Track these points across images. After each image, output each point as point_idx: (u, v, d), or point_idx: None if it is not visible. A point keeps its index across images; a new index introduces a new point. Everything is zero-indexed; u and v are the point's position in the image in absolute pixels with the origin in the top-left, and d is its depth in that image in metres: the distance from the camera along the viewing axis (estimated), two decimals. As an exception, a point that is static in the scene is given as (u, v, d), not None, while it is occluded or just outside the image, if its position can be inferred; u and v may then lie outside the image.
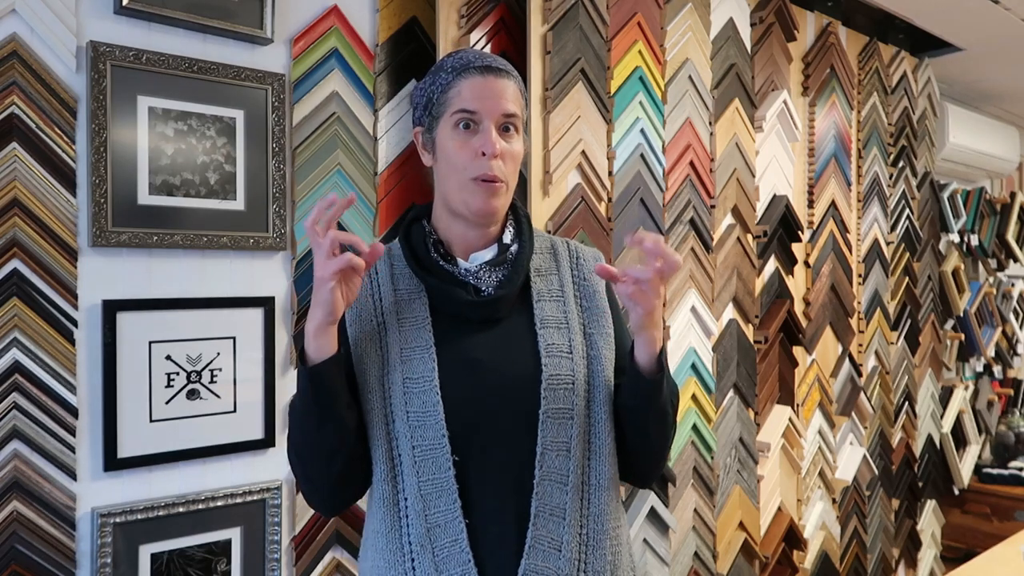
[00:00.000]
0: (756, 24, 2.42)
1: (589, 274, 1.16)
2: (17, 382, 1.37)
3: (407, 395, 1.02)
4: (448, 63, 1.09)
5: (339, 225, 1.74)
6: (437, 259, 1.08)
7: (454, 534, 1.00)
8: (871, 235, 2.94)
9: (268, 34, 1.63)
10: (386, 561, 1.03)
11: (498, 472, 1.03)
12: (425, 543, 1.00)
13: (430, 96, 1.09)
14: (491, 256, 1.10)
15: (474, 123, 1.05)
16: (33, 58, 1.39)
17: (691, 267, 2.19)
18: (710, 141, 2.27)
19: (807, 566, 2.54)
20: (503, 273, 1.09)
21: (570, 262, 1.17)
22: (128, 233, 1.48)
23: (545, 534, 1.02)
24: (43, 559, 1.39)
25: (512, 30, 1.93)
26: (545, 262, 1.15)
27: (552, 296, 1.12)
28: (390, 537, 1.03)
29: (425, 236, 1.11)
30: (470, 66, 1.06)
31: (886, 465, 2.97)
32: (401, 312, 1.07)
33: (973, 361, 3.73)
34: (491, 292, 1.07)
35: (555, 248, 1.18)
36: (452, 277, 1.07)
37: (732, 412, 2.30)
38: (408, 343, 1.05)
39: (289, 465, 1.09)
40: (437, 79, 1.08)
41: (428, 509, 1.01)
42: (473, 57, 1.08)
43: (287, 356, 1.69)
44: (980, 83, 3.61)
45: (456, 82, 1.06)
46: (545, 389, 1.04)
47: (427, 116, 1.10)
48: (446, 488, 1.01)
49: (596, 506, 1.06)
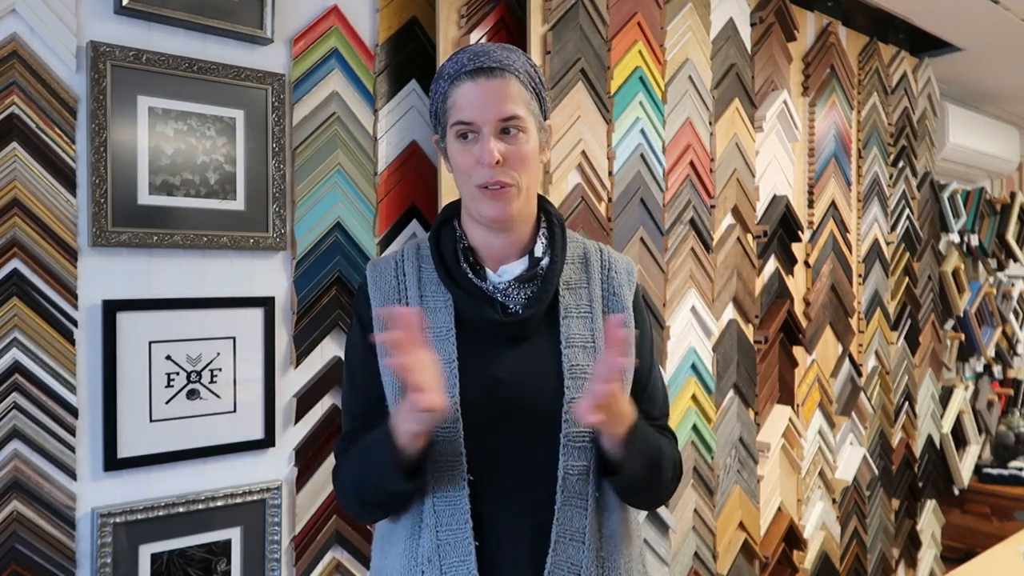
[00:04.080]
0: (756, 24, 2.42)
1: (619, 287, 1.13)
2: (17, 382, 1.37)
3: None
4: (445, 69, 1.06)
5: (339, 226, 1.74)
6: (466, 271, 1.06)
7: (462, 554, 0.99)
8: (871, 235, 2.94)
9: (268, 34, 1.63)
10: (401, 567, 1.04)
11: (514, 493, 1.03)
12: (434, 558, 1.00)
13: (435, 106, 1.08)
14: (521, 271, 1.07)
15: (473, 132, 1.02)
16: (33, 58, 1.39)
17: (691, 267, 2.19)
18: (710, 141, 2.27)
19: (807, 566, 2.54)
20: (532, 290, 1.06)
21: (601, 274, 1.13)
22: (128, 233, 1.47)
23: (565, 558, 1.01)
24: (43, 559, 1.39)
25: (512, 30, 1.93)
26: (576, 274, 1.12)
27: (580, 312, 1.09)
28: (408, 544, 1.04)
29: (456, 242, 1.08)
30: (462, 71, 1.02)
31: (886, 465, 2.97)
32: (427, 321, 1.06)
33: (973, 361, 3.73)
34: (519, 311, 1.05)
35: (587, 258, 1.14)
36: (481, 293, 1.05)
37: (732, 412, 2.30)
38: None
39: (340, 498, 1.10)
40: (437, 88, 1.07)
41: (440, 525, 1.00)
42: (467, 59, 1.03)
43: (287, 356, 1.69)
44: (980, 83, 3.61)
45: (451, 91, 1.04)
46: (567, 412, 1.02)
47: (438, 126, 1.09)
48: (459, 507, 1.00)
49: (610, 528, 1.06)
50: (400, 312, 0.95)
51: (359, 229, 1.77)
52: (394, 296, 1.08)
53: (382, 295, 1.08)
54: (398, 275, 1.09)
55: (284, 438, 1.69)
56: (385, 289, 1.08)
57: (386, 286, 1.08)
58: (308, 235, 1.71)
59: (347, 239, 1.75)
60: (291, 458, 1.70)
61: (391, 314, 0.98)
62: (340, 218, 1.74)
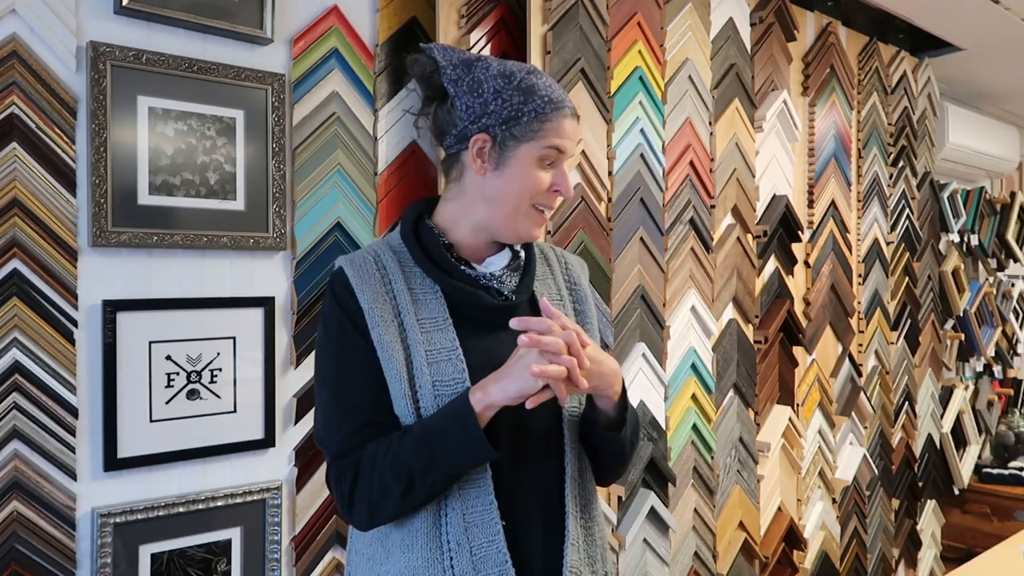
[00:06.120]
0: (756, 24, 2.42)
1: (578, 278, 1.23)
2: (17, 382, 1.37)
3: (438, 398, 1.03)
4: (543, 90, 1.07)
5: (339, 226, 1.74)
6: (456, 263, 1.10)
7: (491, 534, 1.02)
8: (871, 235, 2.94)
9: (268, 34, 1.63)
10: (423, 560, 1.03)
11: (530, 469, 1.07)
12: (463, 541, 1.02)
13: (516, 114, 1.06)
14: (506, 261, 1.13)
15: (556, 161, 1.09)
16: (33, 58, 1.39)
17: (691, 267, 2.19)
18: (710, 141, 2.27)
19: (807, 566, 2.54)
20: (519, 277, 1.13)
21: (560, 267, 1.23)
22: (128, 233, 1.48)
23: (573, 529, 1.08)
24: (43, 559, 1.39)
25: (512, 30, 1.93)
26: (541, 267, 1.20)
27: (553, 300, 1.18)
28: (430, 535, 1.03)
29: (437, 238, 1.10)
30: (565, 105, 1.08)
31: (886, 465, 2.97)
32: (419, 313, 1.07)
33: (973, 361, 3.73)
34: (512, 296, 1.10)
35: (546, 254, 1.23)
36: (475, 281, 1.09)
37: (732, 412, 2.30)
38: (433, 345, 1.05)
39: (362, 514, 1.04)
40: (532, 102, 1.06)
41: (467, 508, 1.02)
42: (563, 95, 1.10)
43: (287, 356, 1.69)
44: (980, 83, 3.61)
45: (555, 116, 1.07)
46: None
47: (503, 130, 1.06)
48: (484, 488, 1.03)
49: (585, 496, 1.13)
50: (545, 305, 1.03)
51: (359, 229, 1.77)
52: (381, 288, 1.06)
53: (369, 288, 1.06)
54: (379, 268, 1.09)
55: (284, 438, 1.69)
56: (371, 282, 1.06)
57: (371, 279, 1.07)
58: (308, 235, 1.71)
59: (347, 239, 1.75)
60: (291, 458, 1.70)
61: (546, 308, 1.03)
62: (340, 218, 1.75)
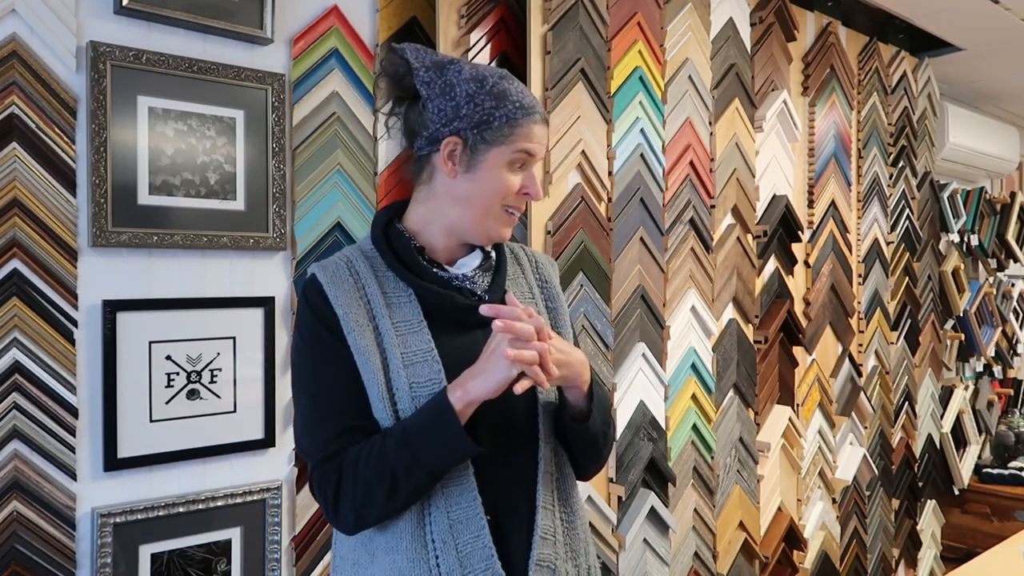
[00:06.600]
0: (756, 24, 2.42)
1: (549, 277, 1.24)
2: (17, 382, 1.37)
3: (415, 400, 1.03)
4: (514, 95, 1.08)
5: (339, 226, 1.74)
6: (428, 265, 1.11)
7: (476, 529, 1.03)
8: (871, 235, 2.94)
9: (268, 34, 1.63)
10: (409, 560, 1.03)
11: (507, 465, 1.08)
12: (448, 539, 1.02)
13: (488, 118, 1.07)
14: (478, 262, 1.14)
15: (525, 164, 1.11)
16: (33, 58, 1.39)
17: (691, 267, 2.19)
18: (710, 141, 2.27)
19: (807, 566, 2.54)
20: (490, 277, 1.14)
21: (531, 266, 1.24)
22: (128, 233, 1.48)
23: (546, 524, 1.08)
24: (43, 559, 1.39)
25: (512, 30, 1.93)
26: (511, 267, 1.21)
27: (524, 299, 1.19)
28: (415, 535, 1.04)
29: (408, 241, 1.12)
30: (535, 111, 1.10)
31: (886, 465, 2.97)
32: (393, 316, 1.08)
33: (973, 361, 3.73)
34: (485, 296, 1.11)
35: (516, 254, 1.24)
36: (447, 283, 1.10)
37: (732, 412, 2.30)
38: (408, 347, 1.06)
39: (347, 517, 1.04)
40: (503, 107, 1.07)
41: (450, 506, 1.03)
42: (534, 101, 1.11)
43: (287, 356, 1.69)
44: (980, 83, 3.61)
45: (526, 122, 1.08)
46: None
47: (475, 134, 1.07)
48: (466, 484, 1.03)
49: (564, 490, 1.13)
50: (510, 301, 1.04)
51: (359, 229, 1.77)
52: (355, 293, 1.07)
53: (343, 294, 1.07)
54: (352, 274, 1.10)
55: (284, 438, 1.69)
56: (344, 288, 1.07)
57: (344, 284, 1.07)
58: (308, 235, 1.71)
59: (347, 239, 1.75)
60: (291, 458, 1.70)
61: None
62: (340, 218, 1.74)
